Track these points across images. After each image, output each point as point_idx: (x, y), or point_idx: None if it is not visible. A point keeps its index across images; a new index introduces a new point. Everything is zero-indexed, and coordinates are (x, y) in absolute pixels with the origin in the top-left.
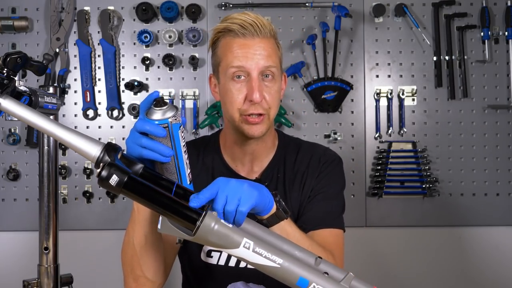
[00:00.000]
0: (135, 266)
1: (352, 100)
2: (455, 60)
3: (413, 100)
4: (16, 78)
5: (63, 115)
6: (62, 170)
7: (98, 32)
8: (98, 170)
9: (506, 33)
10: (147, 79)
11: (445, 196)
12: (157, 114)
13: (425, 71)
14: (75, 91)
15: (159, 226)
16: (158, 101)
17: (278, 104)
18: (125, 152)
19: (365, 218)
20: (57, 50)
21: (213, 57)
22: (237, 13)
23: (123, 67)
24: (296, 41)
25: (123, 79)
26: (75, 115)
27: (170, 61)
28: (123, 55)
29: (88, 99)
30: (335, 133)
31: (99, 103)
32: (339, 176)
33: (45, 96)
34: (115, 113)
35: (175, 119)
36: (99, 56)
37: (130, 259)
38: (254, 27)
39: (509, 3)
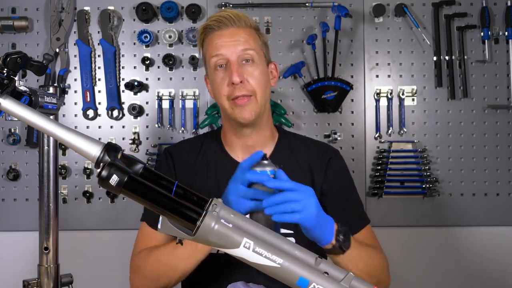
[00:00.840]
0: (165, 282)
1: (352, 100)
2: (455, 60)
3: (413, 100)
4: (16, 78)
5: (63, 115)
6: (62, 170)
7: (98, 32)
8: (98, 170)
9: (506, 33)
10: (147, 79)
11: (445, 196)
12: (268, 166)
13: (425, 71)
14: (75, 91)
15: (159, 226)
16: (264, 156)
17: (264, 88)
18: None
19: None
20: (57, 50)
21: (202, 58)
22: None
23: (123, 67)
24: (296, 41)
25: (123, 79)
26: (75, 115)
27: (170, 61)
28: (123, 55)
29: (88, 99)
30: (335, 133)
31: (99, 103)
32: (347, 172)
33: (45, 96)
34: (115, 113)
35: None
36: (99, 56)
37: (159, 274)
38: (229, 19)
39: (509, 3)
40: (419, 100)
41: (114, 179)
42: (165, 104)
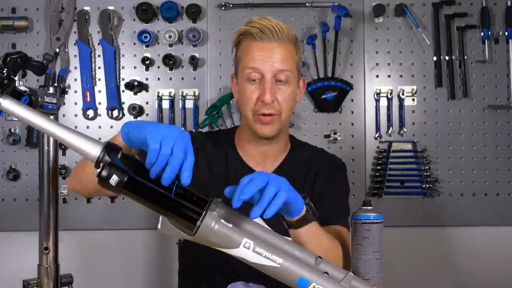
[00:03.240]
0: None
1: (352, 100)
2: (455, 60)
3: (413, 100)
4: (16, 78)
5: (63, 115)
6: (62, 170)
7: (98, 32)
8: (98, 170)
9: (506, 33)
10: (147, 79)
11: (445, 196)
12: (371, 212)
13: (425, 71)
14: (75, 91)
15: (159, 226)
16: (369, 203)
17: (291, 107)
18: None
19: None
20: (57, 50)
21: (235, 58)
22: (259, 18)
23: (123, 67)
24: None
25: (123, 79)
26: (75, 115)
27: (170, 61)
28: (123, 55)
29: (88, 99)
30: (335, 133)
31: (99, 103)
32: (345, 181)
33: (45, 96)
34: (115, 113)
35: None
36: (99, 56)
37: (80, 176)
38: (272, 31)
39: (509, 3)
40: (419, 100)
41: (114, 179)
42: (165, 104)
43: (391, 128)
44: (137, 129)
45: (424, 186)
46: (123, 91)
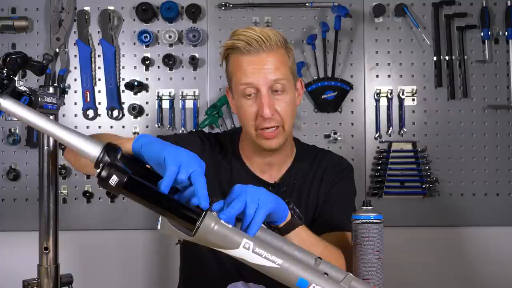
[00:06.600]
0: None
1: (352, 100)
2: (455, 60)
3: (413, 100)
4: (16, 78)
5: (63, 115)
6: (62, 170)
7: (98, 32)
8: (98, 171)
9: (506, 33)
10: (147, 79)
11: (445, 196)
12: (371, 212)
13: (425, 71)
14: (75, 91)
15: (158, 227)
16: (369, 203)
17: (292, 115)
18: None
19: None
20: (57, 50)
21: (226, 72)
22: (243, 29)
23: (123, 67)
24: (296, 41)
25: (123, 79)
26: (75, 115)
27: (170, 61)
28: (123, 55)
29: (88, 99)
30: (335, 133)
31: (99, 103)
32: (351, 184)
33: (45, 96)
34: (115, 113)
35: None
36: (99, 56)
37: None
38: (259, 42)
39: (509, 3)
40: (419, 100)
41: (113, 180)
42: (165, 104)
43: (391, 128)
44: (155, 146)
45: (424, 186)
46: (123, 91)
